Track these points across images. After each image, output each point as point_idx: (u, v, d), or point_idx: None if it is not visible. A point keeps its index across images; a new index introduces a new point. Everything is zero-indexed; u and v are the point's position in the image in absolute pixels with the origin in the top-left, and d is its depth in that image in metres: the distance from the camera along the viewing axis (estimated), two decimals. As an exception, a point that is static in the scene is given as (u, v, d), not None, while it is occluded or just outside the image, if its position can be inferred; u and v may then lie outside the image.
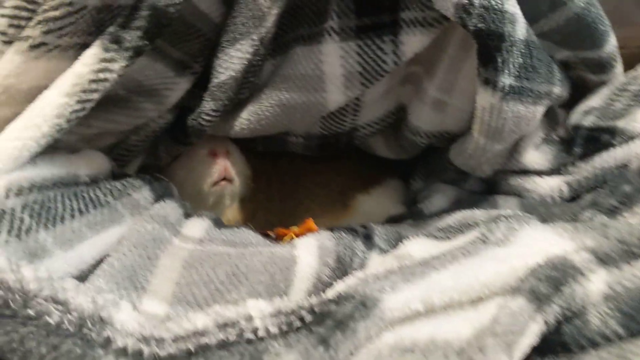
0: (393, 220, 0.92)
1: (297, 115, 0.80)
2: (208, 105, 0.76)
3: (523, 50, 0.66)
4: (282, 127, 0.82)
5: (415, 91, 0.83)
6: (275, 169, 1.01)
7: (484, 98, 0.70)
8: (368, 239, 0.72)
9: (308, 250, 0.66)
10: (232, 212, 0.93)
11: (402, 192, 1.05)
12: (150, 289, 0.57)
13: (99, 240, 0.59)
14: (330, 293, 0.53)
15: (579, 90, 0.85)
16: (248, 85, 0.77)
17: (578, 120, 0.83)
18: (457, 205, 0.85)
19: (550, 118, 0.86)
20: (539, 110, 0.73)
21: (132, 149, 0.79)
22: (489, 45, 0.64)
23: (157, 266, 0.59)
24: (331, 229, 0.72)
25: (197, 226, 0.71)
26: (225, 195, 0.88)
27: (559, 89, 0.75)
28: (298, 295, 0.60)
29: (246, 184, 0.93)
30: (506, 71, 0.66)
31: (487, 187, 0.90)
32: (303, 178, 1.01)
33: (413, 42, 0.71)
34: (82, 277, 0.54)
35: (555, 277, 0.49)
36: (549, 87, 0.73)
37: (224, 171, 0.86)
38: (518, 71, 0.67)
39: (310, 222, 0.75)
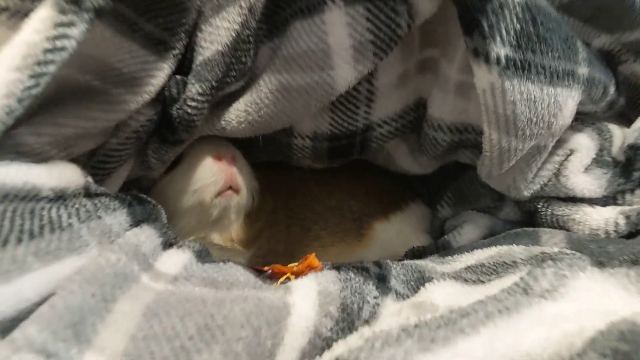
0: (416, 253, 0.80)
1: (301, 102, 0.70)
2: (193, 88, 0.66)
3: (520, 15, 0.57)
4: (285, 120, 0.73)
5: (434, 79, 0.74)
6: (282, 189, 0.91)
7: (481, 77, 0.60)
8: (382, 281, 0.60)
9: (306, 297, 0.54)
10: (236, 230, 0.82)
11: (426, 220, 0.94)
12: (97, 343, 0.45)
13: (48, 274, 0.48)
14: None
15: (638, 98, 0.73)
16: (239, 67, 0.68)
17: (637, 139, 0.71)
18: (492, 238, 0.75)
19: (602, 134, 0.74)
20: (563, 94, 0.62)
21: (114, 154, 0.68)
22: (468, 6, 0.56)
23: (112, 311, 0.47)
24: (337, 268, 0.60)
25: (175, 259, 0.59)
26: (230, 207, 0.78)
27: (585, 70, 0.64)
28: (288, 358, 0.47)
29: (253, 197, 0.83)
30: (498, 38, 0.57)
31: (526, 217, 0.79)
32: (312, 201, 0.91)
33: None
34: (20, 318, 0.44)
35: (624, 353, 0.39)
36: (569, 66, 0.62)
37: (230, 178, 0.76)
38: (517, 40, 0.57)
39: (313, 259, 0.62)
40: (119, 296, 0.49)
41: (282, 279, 0.60)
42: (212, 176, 0.75)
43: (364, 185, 0.94)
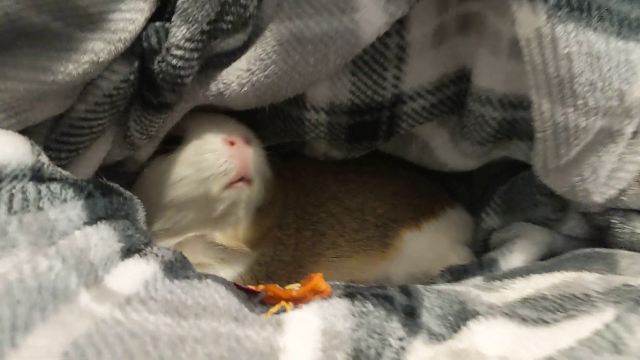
0: (454, 274, 0.67)
1: (317, 56, 0.59)
2: (179, 32, 0.56)
3: None
4: (297, 83, 0.62)
5: (480, 39, 0.63)
6: (293, 185, 0.78)
7: (524, 20, 0.51)
8: (411, 316, 0.47)
9: (304, 338, 0.41)
10: (243, 228, 0.69)
11: (467, 231, 0.81)
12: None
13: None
14: None
15: None
16: (237, 10, 0.58)
17: None
18: (553, 259, 0.62)
19: None
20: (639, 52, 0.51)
21: (82, 125, 0.58)
22: None
23: (18, 346, 0.34)
24: (351, 295, 0.47)
25: (134, 273, 0.46)
26: (240, 201, 0.66)
27: None
28: None
29: (265, 190, 0.70)
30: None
31: (596, 234, 0.67)
32: (329, 200, 0.77)
33: None
34: None
35: None
36: None
37: (243, 167, 0.64)
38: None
39: (318, 280, 0.49)
40: (36, 322, 0.36)
41: (274, 308, 0.45)
42: (224, 164, 0.63)
43: (391, 185, 0.80)
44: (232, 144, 0.64)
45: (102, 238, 0.46)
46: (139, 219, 0.57)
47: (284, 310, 0.45)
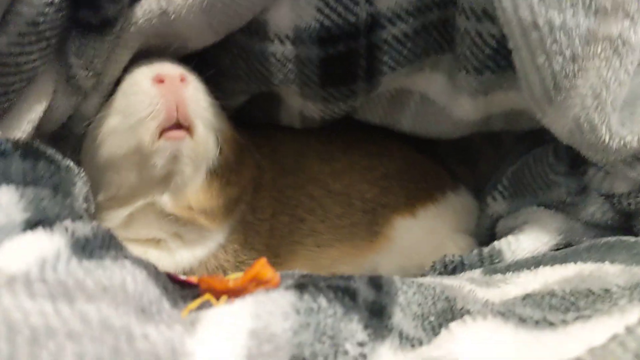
0: (449, 267, 0.57)
1: None
2: None
3: None
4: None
5: None
6: (270, 163, 0.68)
7: None
8: (379, 315, 0.37)
9: (222, 340, 0.32)
10: (195, 192, 0.59)
11: (471, 217, 0.71)
12: None
13: None
14: None
15: None
16: None
17: None
18: (568, 249, 0.54)
19: None
20: None
21: (6, 62, 0.50)
22: None
23: None
24: (301, 287, 0.37)
25: (31, 249, 0.37)
26: (182, 155, 0.56)
27: None
28: None
29: (219, 144, 0.60)
30: None
31: (623, 221, 0.57)
32: (310, 181, 0.68)
33: None
34: None
35: None
36: None
37: (175, 108, 0.54)
38: None
39: (262, 266, 0.39)
40: None
41: (195, 303, 0.36)
42: (149, 105, 0.54)
43: (383, 166, 0.70)
44: (161, 81, 0.55)
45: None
46: (75, 192, 0.49)
47: (210, 305, 0.36)
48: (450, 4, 0.58)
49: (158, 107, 0.54)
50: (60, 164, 0.48)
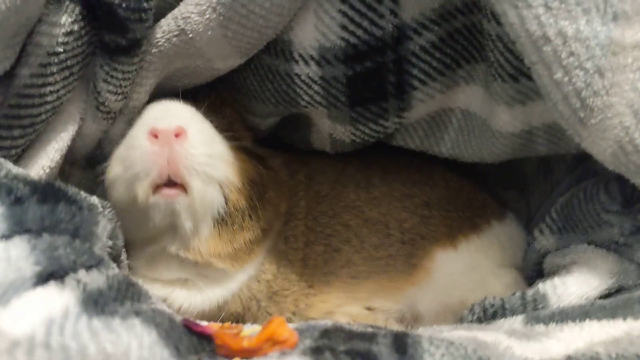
0: (487, 311, 0.53)
1: None
2: None
3: None
4: (268, 10, 0.54)
5: None
6: (306, 192, 0.66)
7: None
8: None
9: None
10: (205, 242, 0.57)
11: (518, 249, 0.66)
12: None
13: None
14: None
15: None
16: None
17: None
18: (620, 297, 0.49)
19: None
20: None
21: (30, 93, 0.50)
22: None
23: None
24: (319, 351, 0.34)
25: (40, 306, 0.36)
26: (177, 212, 0.55)
27: None
28: None
29: (229, 195, 0.57)
30: None
31: None
32: (346, 209, 0.65)
33: None
34: None
35: None
36: None
37: (166, 167, 0.53)
38: None
39: (278, 325, 0.37)
40: None
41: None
42: (142, 161, 0.53)
43: (424, 194, 0.66)
44: (155, 136, 0.53)
45: (7, 259, 0.37)
46: (97, 232, 0.48)
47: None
48: (474, 10, 0.55)
49: (149, 164, 0.53)
50: (82, 204, 0.47)
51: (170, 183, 0.53)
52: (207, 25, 0.54)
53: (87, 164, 0.61)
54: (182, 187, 0.53)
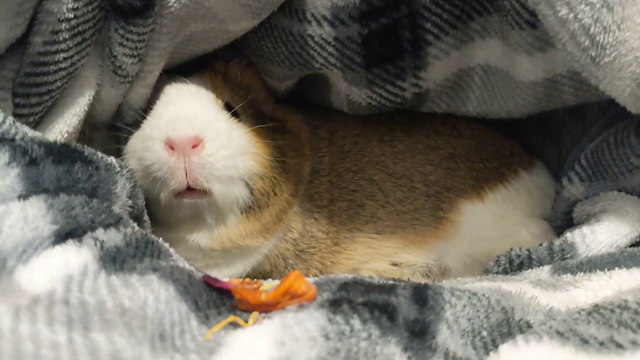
0: (513, 263, 0.52)
1: None
2: None
3: None
4: None
5: None
6: (327, 144, 0.65)
7: None
8: (421, 335, 0.34)
9: None
10: (230, 229, 0.58)
11: (547, 199, 0.65)
12: None
13: None
14: None
15: None
16: None
17: None
18: None
19: None
20: None
21: (44, 60, 0.50)
22: None
23: None
24: (336, 303, 0.35)
25: (57, 265, 0.36)
26: (202, 210, 0.56)
27: None
28: None
29: (253, 186, 0.57)
30: None
31: None
32: (370, 164, 0.63)
33: None
34: None
35: None
36: None
37: (185, 177, 0.53)
38: None
39: (295, 279, 0.37)
40: None
41: (218, 326, 0.34)
42: (160, 170, 0.54)
43: (449, 145, 0.65)
44: (172, 147, 0.53)
45: (23, 218, 0.38)
46: (117, 191, 0.48)
47: (236, 325, 0.34)
48: None
49: (167, 175, 0.53)
50: (99, 163, 0.47)
51: (190, 189, 0.54)
52: None
53: (109, 128, 0.61)
54: (201, 192, 0.54)
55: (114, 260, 0.38)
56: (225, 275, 0.58)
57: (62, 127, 0.53)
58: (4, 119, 0.43)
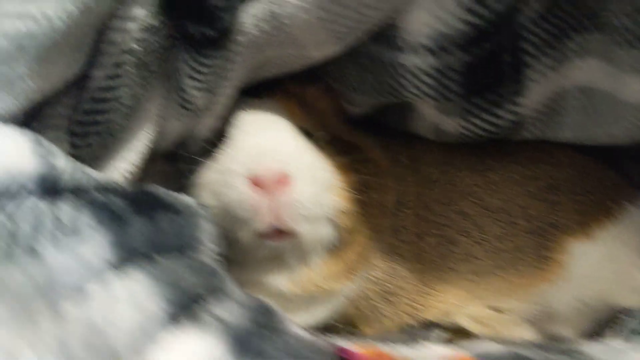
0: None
1: None
2: None
3: None
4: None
5: None
6: (413, 177, 0.59)
7: None
8: None
9: None
10: (314, 271, 0.53)
11: None
12: None
13: None
14: None
15: None
16: None
17: None
18: None
19: None
20: None
21: (105, 97, 0.45)
22: None
23: None
24: None
25: (187, 354, 0.30)
26: (285, 252, 0.53)
27: None
28: None
29: (338, 224, 0.53)
30: None
31: None
32: (462, 196, 0.58)
33: None
34: None
35: None
36: None
37: (272, 218, 0.49)
38: None
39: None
40: None
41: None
42: (243, 210, 0.49)
43: (546, 173, 0.59)
44: (258, 184, 0.49)
45: (131, 298, 0.30)
46: (202, 238, 0.42)
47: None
48: None
49: (251, 214, 0.49)
50: (178, 206, 0.41)
51: (275, 231, 0.50)
52: (302, 6, 0.48)
53: (167, 159, 0.56)
54: (288, 234, 0.50)
55: (242, 344, 0.31)
56: (303, 321, 0.52)
57: (125, 165, 0.48)
58: (67, 165, 0.36)
